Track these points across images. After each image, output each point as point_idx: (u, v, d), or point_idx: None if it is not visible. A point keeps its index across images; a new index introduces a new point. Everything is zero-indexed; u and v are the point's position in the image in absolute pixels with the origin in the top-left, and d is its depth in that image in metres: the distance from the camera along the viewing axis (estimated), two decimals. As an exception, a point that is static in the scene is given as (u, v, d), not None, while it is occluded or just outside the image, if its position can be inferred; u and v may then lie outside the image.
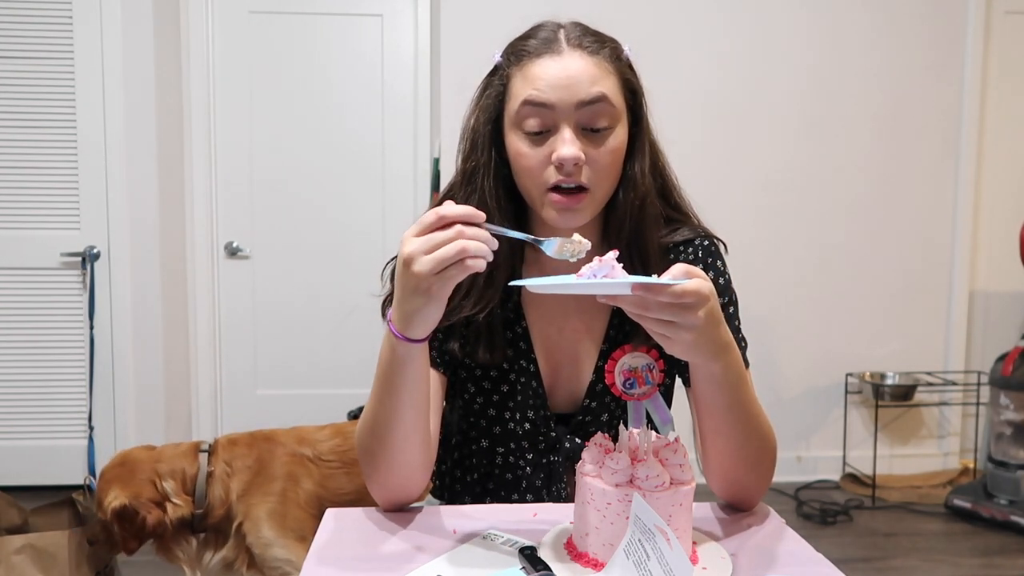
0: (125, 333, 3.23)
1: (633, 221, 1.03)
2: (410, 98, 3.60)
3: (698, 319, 0.79)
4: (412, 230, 0.83)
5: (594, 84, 0.97)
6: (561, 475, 1.11)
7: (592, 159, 0.98)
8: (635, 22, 3.25)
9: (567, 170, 0.96)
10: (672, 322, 0.79)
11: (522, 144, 0.99)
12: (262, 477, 1.96)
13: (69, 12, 3.11)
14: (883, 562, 2.75)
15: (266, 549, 1.90)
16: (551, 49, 0.99)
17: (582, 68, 0.97)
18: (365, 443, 0.99)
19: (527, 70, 0.99)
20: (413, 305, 0.84)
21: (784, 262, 3.47)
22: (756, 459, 0.99)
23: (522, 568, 0.83)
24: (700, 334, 0.81)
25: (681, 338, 0.80)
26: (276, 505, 1.94)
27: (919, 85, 3.44)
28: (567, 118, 0.97)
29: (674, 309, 0.78)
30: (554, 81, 0.96)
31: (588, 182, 0.98)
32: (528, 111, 0.98)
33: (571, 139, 0.96)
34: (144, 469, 1.87)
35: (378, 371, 0.94)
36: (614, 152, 0.99)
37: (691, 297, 0.78)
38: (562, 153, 0.96)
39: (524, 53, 1.00)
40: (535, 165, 0.98)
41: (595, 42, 1.00)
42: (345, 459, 2.07)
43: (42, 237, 3.18)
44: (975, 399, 3.49)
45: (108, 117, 3.16)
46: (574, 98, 0.96)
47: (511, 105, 1.00)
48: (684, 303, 0.78)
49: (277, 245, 3.61)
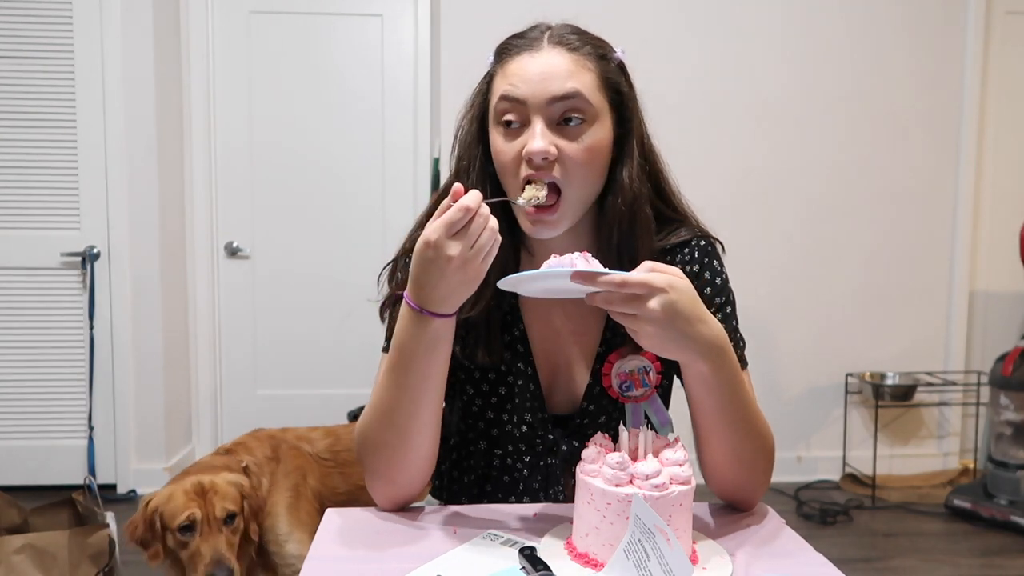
0: (125, 333, 3.23)
1: (624, 226, 1.02)
2: (410, 98, 3.60)
3: (652, 310, 0.82)
4: (440, 229, 0.85)
5: (568, 79, 0.97)
6: (558, 477, 1.11)
7: (565, 155, 0.97)
8: (638, 21, 3.26)
9: (536, 163, 0.96)
10: (633, 315, 0.84)
11: (499, 140, 1.00)
12: (280, 471, 1.97)
13: (69, 12, 3.11)
14: (883, 562, 2.75)
15: (282, 545, 1.91)
16: (531, 47, 0.99)
17: (557, 64, 0.97)
18: (377, 435, 0.98)
19: (506, 67, 1.00)
20: (457, 290, 0.89)
21: (784, 262, 3.47)
22: (753, 459, 0.99)
23: (522, 568, 0.83)
24: (662, 327, 0.84)
25: (644, 330, 0.85)
26: (291, 499, 1.95)
27: (919, 85, 3.44)
28: (539, 112, 0.97)
29: (626, 300, 0.83)
30: (528, 76, 0.97)
31: (560, 178, 0.97)
32: (503, 106, 0.98)
33: (541, 132, 0.96)
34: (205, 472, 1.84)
35: (396, 360, 0.94)
36: (590, 150, 0.98)
37: (638, 288, 0.82)
38: (531, 147, 0.96)
39: (506, 52, 1.02)
40: (509, 161, 0.99)
41: (577, 40, 1.00)
42: (338, 459, 2.08)
43: (42, 237, 3.18)
44: (975, 399, 3.49)
45: (108, 117, 3.16)
46: (546, 93, 0.96)
47: (492, 102, 1.02)
48: (634, 293, 0.82)
49: (277, 245, 3.61)
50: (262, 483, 1.91)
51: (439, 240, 0.85)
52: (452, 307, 0.91)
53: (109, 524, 2.02)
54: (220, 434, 3.64)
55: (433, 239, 0.85)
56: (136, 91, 3.16)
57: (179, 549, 1.74)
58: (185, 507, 1.72)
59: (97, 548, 1.93)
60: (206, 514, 1.73)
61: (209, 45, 3.50)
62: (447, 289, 0.88)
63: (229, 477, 1.80)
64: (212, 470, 1.83)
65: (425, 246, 0.86)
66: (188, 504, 1.72)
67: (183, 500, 1.73)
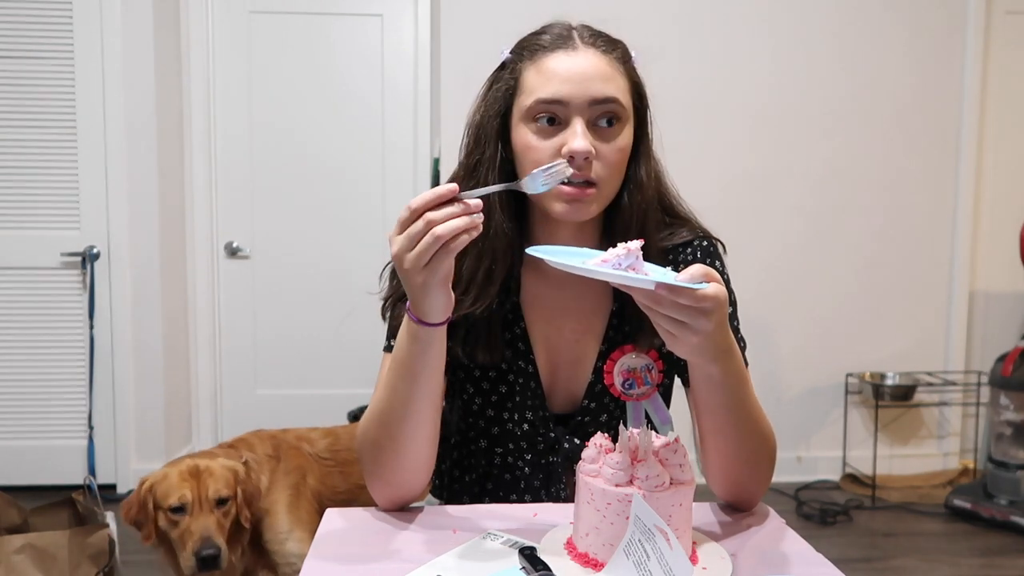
0: (125, 333, 3.23)
1: (638, 224, 1.04)
2: (410, 98, 3.60)
3: (710, 324, 0.79)
4: (394, 230, 0.85)
5: (607, 83, 0.98)
6: (560, 476, 1.11)
7: (602, 155, 0.98)
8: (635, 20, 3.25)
9: (577, 163, 0.97)
10: (683, 323, 0.79)
11: (532, 137, 0.99)
12: (280, 470, 1.98)
13: (69, 12, 3.11)
14: (883, 562, 2.75)
15: (282, 544, 1.91)
16: (566, 45, 1.00)
17: (596, 65, 0.98)
18: (373, 436, 0.99)
19: (541, 64, 1.00)
20: (418, 297, 0.88)
21: (784, 262, 3.47)
22: (755, 459, 0.99)
23: (522, 568, 0.83)
24: (707, 338, 0.81)
25: (687, 339, 0.81)
26: (291, 497, 1.95)
27: (919, 85, 3.44)
28: (579, 112, 0.97)
29: (690, 312, 0.78)
30: (569, 75, 0.97)
31: (597, 177, 0.98)
32: (542, 106, 0.98)
33: (583, 133, 0.97)
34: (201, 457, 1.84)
35: (395, 361, 0.95)
36: (623, 150, 1.00)
37: (710, 303, 0.78)
38: (574, 146, 0.96)
39: (538, 48, 1.01)
40: (543, 158, 0.98)
41: (607, 42, 1.02)
42: (338, 459, 2.09)
43: (42, 237, 3.18)
44: (975, 399, 3.49)
45: (108, 117, 3.15)
46: (587, 94, 0.97)
47: (522, 99, 1.01)
48: (702, 308, 0.78)
49: (277, 245, 3.61)
50: (261, 479, 1.91)
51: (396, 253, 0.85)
52: (428, 313, 0.89)
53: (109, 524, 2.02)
54: (220, 434, 3.64)
55: (393, 253, 0.85)
56: (136, 91, 3.16)
57: (170, 529, 1.75)
58: (178, 487, 1.74)
59: (97, 548, 1.94)
60: (198, 495, 1.74)
61: (209, 45, 3.50)
62: (413, 293, 0.88)
63: (225, 462, 1.81)
64: (210, 456, 1.85)
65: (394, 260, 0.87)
66: (181, 484, 1.74)
67: (177, 480, 1.75)
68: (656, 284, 0.77)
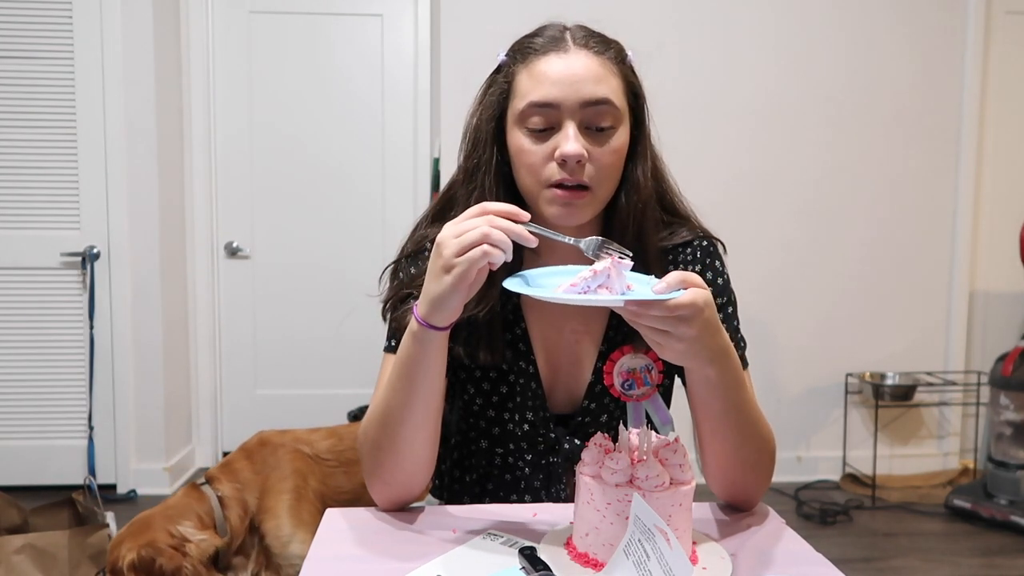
0: (125, 333, 3.23)
1: (635, 224, 1.03)
2: (410, 98, 3.60)
3: (691, 331, 0.81)
4: (456, 220, 0.87)
5: (599, 84, 0.97)
6: (560, 476, 1.11)
7: (594, 158, 0.98)
8: (633, 21, 3.25)
9: (570, 167, 0.97)
10: (665, 332, 0.82)
11: (525, 140, 0.99)
12: (274, 477, 1.97)
13: (69, 12, 3.10)
14: (883, 562, 2.75)
15: (285, 546, 1.91)
16: (557, 47, 0.99)
17: (587, 67, 0.98)
18: (373, 436, 0.99)
19: (533, 67, 0.99)
20: (438, 288, 0.87)
21: (784, 262, 3.47)
22: (754, 460, 0.99)
23: (522, 568, 0.83)
24: (693, 343, 0.83)
25: (673, 346, 0.83)
26: (292, 500, 1.95)
27: (919, 85, 3.44)
28: (571, 115, 0.97)
29: (669, 321, 0.80)
30: (559, 78, 0.97)
31: (590, 181, 0.98)
32: (534, 109, 0.98)
33: (575, 136, 0.96)
34: (155, 521, 1.79)
35: (396, 363, 0.95)
36: (616, 152, 1.00)
37: (685, 310, 0.80)
38: (565, 149, 0.96)
39: (530, 51, 1.01)
40: (537, 161, 0.99)
41: (600, 43, 1.01)
42: (342, 459, 2.09)
43: (42, 237, 3.17)
44: (975, 399, 3.49)
45: (108, 117, 3.15)
46: (579, 96, 0.97)
47: (515, 102, 1.01)
48: (678, 316, 0.80)
49: (277, 245, 3.61)
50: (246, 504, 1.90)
51: (443, 235, 0.86)
52: (437, 316, 0.89)
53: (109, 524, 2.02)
54: (220, 434, 3.64)
55: (441, 234, 0.87)
56: (136, 91, 3.16)
57: None
58: None
59: (97, 548, 1.94)
60: None
61: (209, 45, 3.50)
62: (432, 287, 0.88)
63: (196, 545, 1.75)
64: (170, 519, 1.78)
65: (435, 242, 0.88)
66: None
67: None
68: (625, 302, 0.79)
